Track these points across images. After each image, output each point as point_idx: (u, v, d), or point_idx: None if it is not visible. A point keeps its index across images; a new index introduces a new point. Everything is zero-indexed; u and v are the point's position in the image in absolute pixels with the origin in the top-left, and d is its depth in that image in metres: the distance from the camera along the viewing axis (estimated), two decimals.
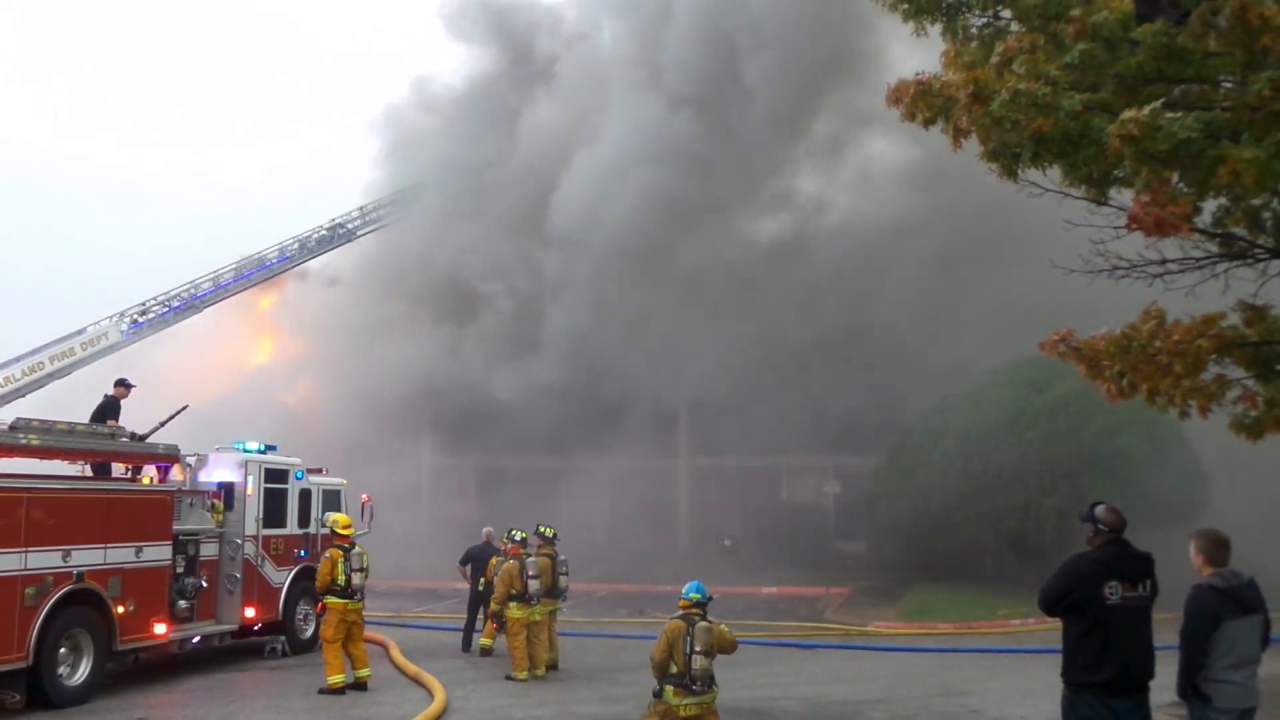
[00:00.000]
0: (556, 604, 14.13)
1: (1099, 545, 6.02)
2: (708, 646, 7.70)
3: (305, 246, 28.27)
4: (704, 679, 7.70)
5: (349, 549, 12.48)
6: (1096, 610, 5.82)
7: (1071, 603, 5.94)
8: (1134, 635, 5.85)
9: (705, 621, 7.82)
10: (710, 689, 7.79)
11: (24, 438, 11.47)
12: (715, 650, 7.80)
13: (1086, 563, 5.99)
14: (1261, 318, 6.26)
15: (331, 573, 12.31)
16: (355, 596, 12.40)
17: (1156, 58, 5.69)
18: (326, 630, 12.32)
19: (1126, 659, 5.84)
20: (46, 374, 20.68)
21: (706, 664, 7.69)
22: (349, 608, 12.31)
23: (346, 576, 12.30)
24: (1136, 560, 5.98)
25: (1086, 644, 5.88)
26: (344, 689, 12.00)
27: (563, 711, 11.51)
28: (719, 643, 7.84)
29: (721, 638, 7.87)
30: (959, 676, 13.81)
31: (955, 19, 6.61)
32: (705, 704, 7.74)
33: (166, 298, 24.07)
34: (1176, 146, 5.50)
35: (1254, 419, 6.16)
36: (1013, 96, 5.65)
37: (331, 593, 12.31)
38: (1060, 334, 6.63)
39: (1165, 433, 20.02)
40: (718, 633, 7.83)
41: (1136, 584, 5.89)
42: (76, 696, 11.30)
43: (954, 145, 6.31)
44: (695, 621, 7.77)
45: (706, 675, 7.71)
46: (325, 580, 12.36)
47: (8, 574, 10.55)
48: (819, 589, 23.99)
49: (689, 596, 7.98)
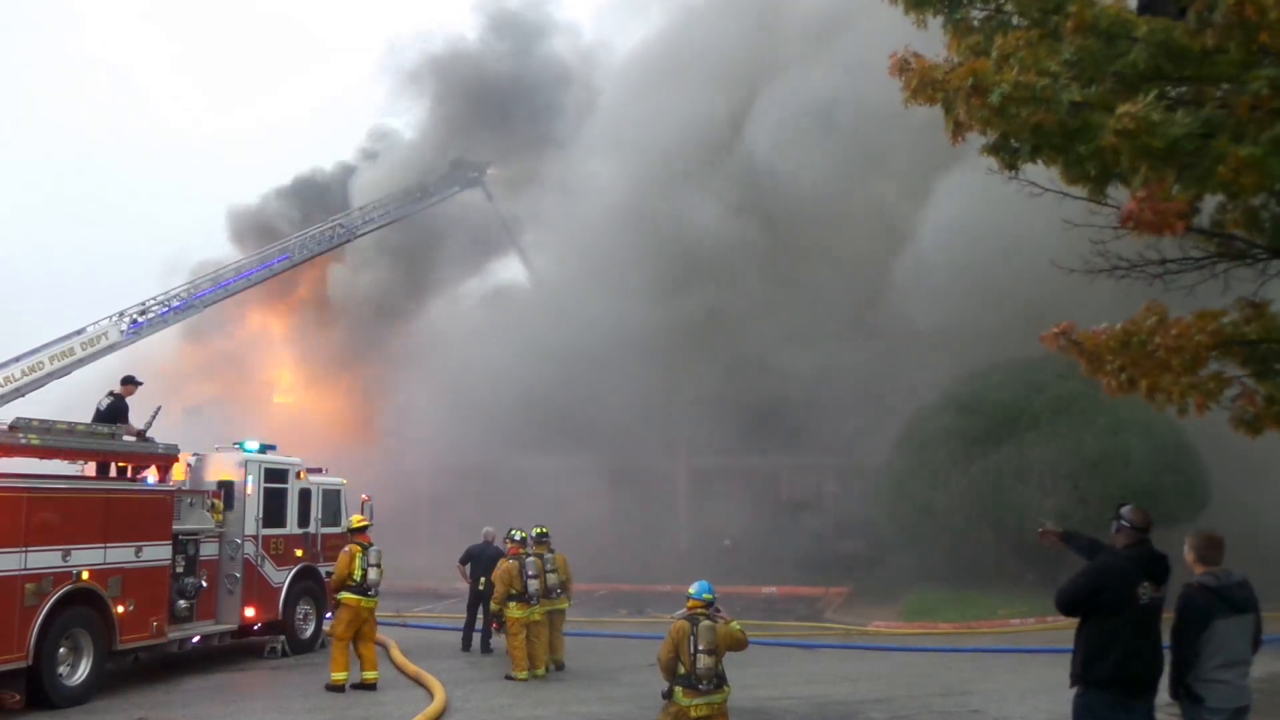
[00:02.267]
0: (556, 604, 14.09)
1: (1125, 545, 6.03)
2: (711, 645, 7.71)
3: (306, 245, 28.27)
4: (709, 678, 7.69)
5: (367, 546, 12.51)
6: (1127, 610, 5.81)
7: (1101, 602, 5.91)
8: (1151, 635, 5.87)
9: (709, 621, 7.82)
10: (719, 689, 7.78)
11: (24, 438, 11.48)
12: (721, 649, 7.82)
13: (1121, 562, 5.96)
14: (1260, 315, 6.26)
15: (349, 567, 12.31)
16: (370, 593, 12.38)
17: (1154, 54, 5.69)
18: (337, 626, 12.32)
19: (1143, 658, 5.84)
20: (46, 374, 20.61)
21: (710, 663, 7.69)
22: (362, 604, 12.28)
23: (364, 571, 12.31)
24: (1161, 561, 6.02)
25: (1106, 643, 5.84)
26: (344, 687, 11.96)
27: (563, 711, 11.51)
28: (726, 641, 7.85)
29: (729, 636, 7.87)
30: (959, 676, 13.80)
31: (956, 10, 6.61)
32: (715, 704, 7.76)
33: (166, 297, 23.98)
34: (1174, 143, 5.50)
35: (1253, 415, 6.17)
36: (1013, 88, 5.65)
37: (347, 588, 12.30)
38: (1060, 327, 6.64)
39: (1165, 433, 20.01)
40: (723, 631, 7.84)
41: (1160, 584, 5.92)
42: (76, 696, 11.32)
43: (953, 140, 6.31)
44: (699, 621, 7.82)
45: (712, 674, 7.71)
46: (342, 575, 12.34)
47: (8, 574, 10.57)
48: (819, 589, 23.99)
49: (699, 597, 8.00)
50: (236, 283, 26.12)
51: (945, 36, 6.75)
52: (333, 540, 16.24)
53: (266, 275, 27.29)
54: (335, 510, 16.44)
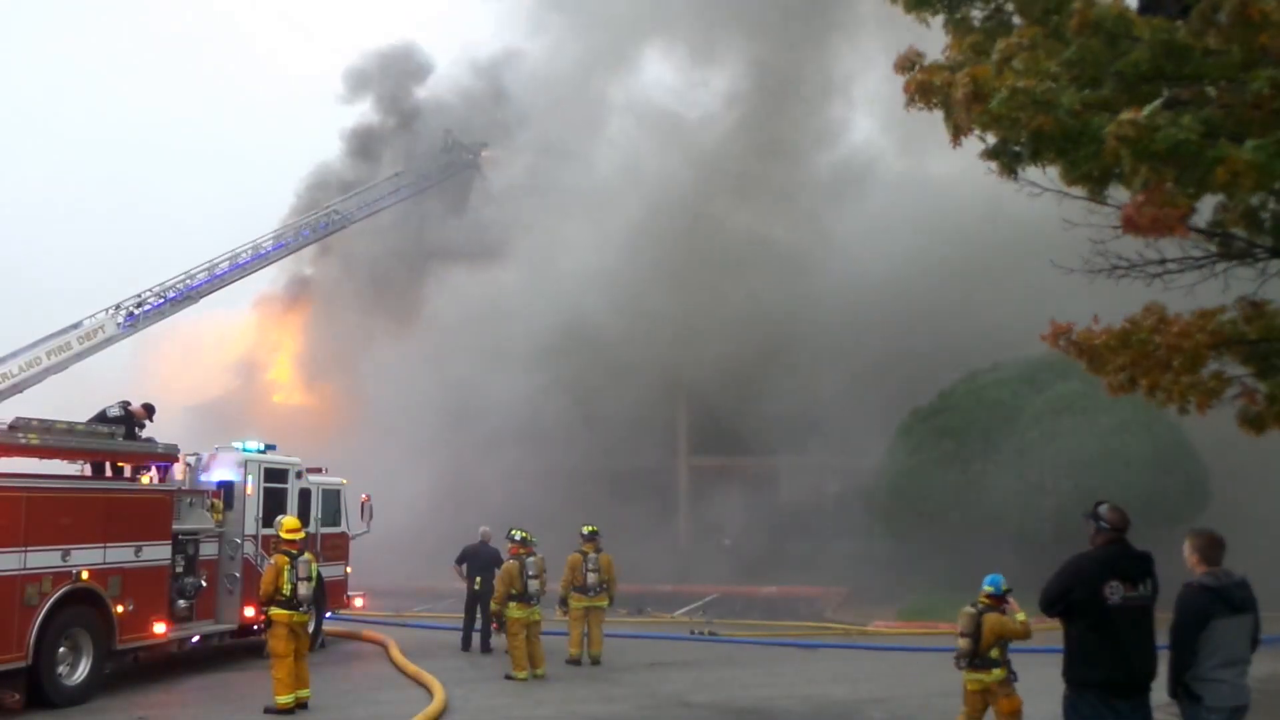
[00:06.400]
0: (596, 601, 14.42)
1: (1100, 544, 6.03)
2: (967, 630, 8.99)
3: (301, 233, 28.08)
4: (965, 657, 9.04)
5: (296, 556, 11.33)
6: (1097, 610, 5.83)
7: (1072, 602, 5.94)
8: (1135, 635, 5.85)
9: (992, 613, 8.95)
10: (990, 670, 8.95)
11: (24, 437, 11.47)
12: (988, 637, 8.88)
13: (1087, 562, 5.99)
14: (1261, 314, 6.26)
15: (276, 581, 11.13)
16: (301, 608, 11.26)
17: (1156, 55, 5.69)
18: (277, 644, 11.09)
19: (1127, 659, 5.84)
20: (44, 369, 20.46)
21: (964, 645, 8.99)
22: (294, 620, 11.20)
23: (292, 586, 11.16)
24: (1136, 560, 5.99)
25: (1087, 644, 5.88)
26: (293, 709, 11.06)
27: (563, 711, 11.51)
28: (994, 630, 8.89)
29: (998, 624, 8.90)
30: (959, 676, 13.75)
31: (957, 9, 6.61)
32: (984, 682, 8.99)
33: (162, 289, 23.67)
34: (1174, 147, 5.50)
35: (1255, 414, 6.17)
36: (1012, 94, 5.64)
37: (275, 604, 11.14)
38: (1060, 327, 6.63)
39: (1165, 433, 20.02)
40: (991, 621, 8.90)
41: (1137, 584, 5.90)
42: (76, 696, 11.31)
43: (953, 143, 6.32)
44: (984, 611, 9.01)
45: (965, 654, 9.03)
46: (269, 590, 11.17)
47: (7, 574, 10.56)
48: (819, 589, 23.99)
49: (985, 589, 9.09)
50: (232, 272, 25.74)
51: (946, 36, 6.76)
52: (333, 540, 16.27)
53: (262, 264, 27.06)
54: (335, 510, 16.44)
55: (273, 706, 10.95)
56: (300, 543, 11.63)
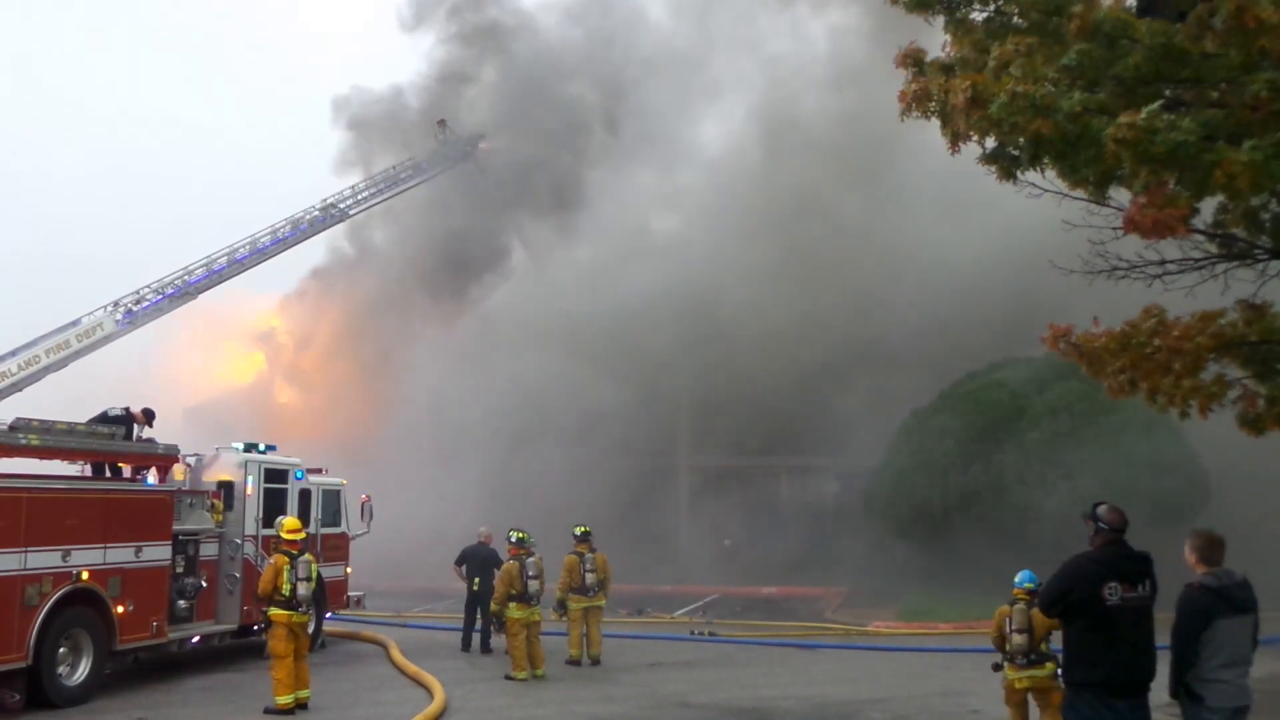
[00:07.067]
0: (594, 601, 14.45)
1: (1099, 545, 6.04)
2: (1023, 626, 8.90)
3: (298, 228, 27.94)
4: (1024, 654, 8.87)
5: (296, 556, 11.39)
6: (1096, 611, 5.84)
7: (1071, 603, 5.95)
8: (1134, 635, 5.85)
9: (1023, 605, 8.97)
10: (1040, 665, 8.82)
11: (23, 438, 11.48)
12: (1038, 630, 8.82)
13: (1085, 563, 6.00)
14: (1261, 317, 6.26)
15: (275, 581, 11.18)
16: (300, 609, 11.29)
17: (1155, 58, 5.69)
18: (276, 645, 11.15)
19: (1126, 659, 5.84)
20: (43, 367, 20.41)
21: (1022, 641, 8.86)
22: (294, 620, 11.24)
23: (292, 586, 11.20)
24: (1135, 560, 5.99)
25: (1086, 644, 5.89)
26: (293, 709, 11.12)
27: (563, 711, 11.51)
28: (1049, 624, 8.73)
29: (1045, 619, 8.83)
30: (959, 676, 13.79)
31: (957, 11, 6.61)
32: (1036, 678, 8.84)
33: (160, 285, 23.60)
34: (1173, 149, 5.51)
35: (1255, 417, 6.16)
36: (1011, 99, 5.65)
37: (275, 604, 11.18)
38: (1059, 330, 6.63)
39: (1165, 434, 20.00)
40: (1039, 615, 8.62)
41: (1136, 584, 5.90)
42: (76, 696, 11.32)
43: (952, 149, 6.31)
44: (1017, 604, 9.03)
45: (1027, 651, 8.86)
46: (268, 590, 11.21)
47: (8, 574, 10.56)
48: (818, 589, 23.98)
49: (1021, 585, 9.11)
50: (230, 268, 25.66)
51: (947, 35, 6.76)
52: (333, 540, 16.27)
53: (260, 259, 26.94)
54: (335, 510, 16.45)
55: (273, 707, 10.99)
56: (300, 543, 11.67)
